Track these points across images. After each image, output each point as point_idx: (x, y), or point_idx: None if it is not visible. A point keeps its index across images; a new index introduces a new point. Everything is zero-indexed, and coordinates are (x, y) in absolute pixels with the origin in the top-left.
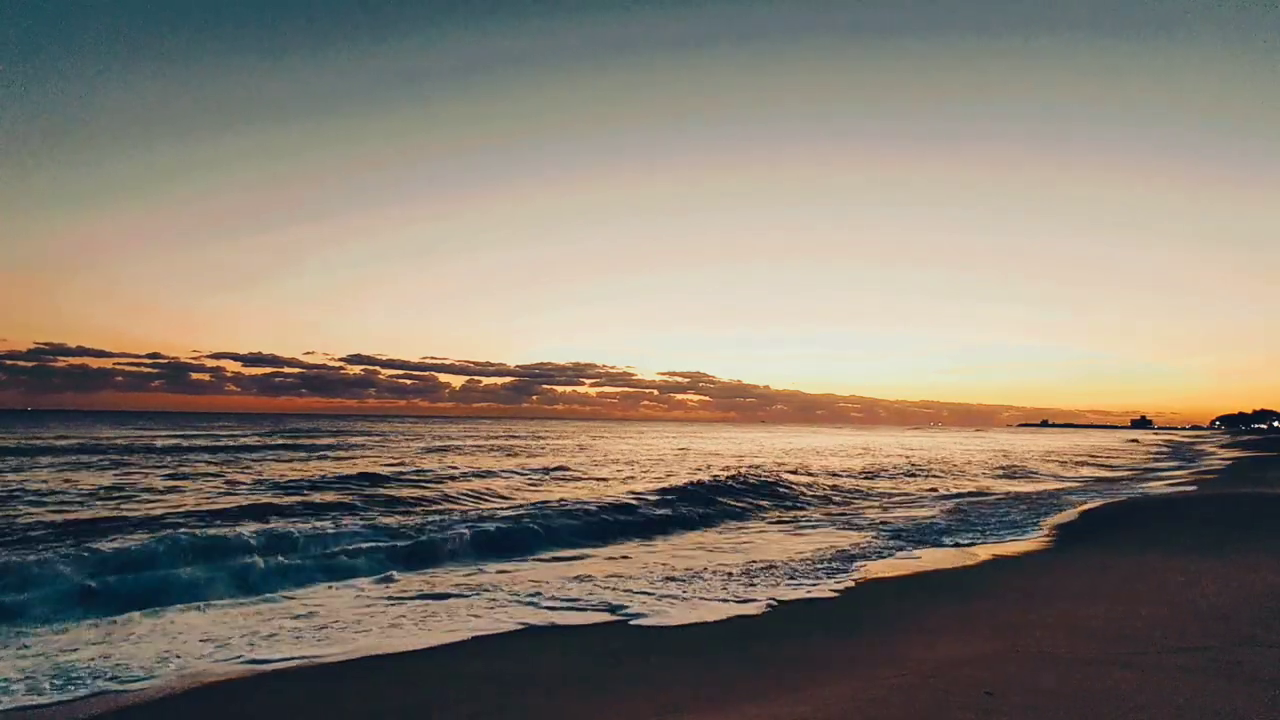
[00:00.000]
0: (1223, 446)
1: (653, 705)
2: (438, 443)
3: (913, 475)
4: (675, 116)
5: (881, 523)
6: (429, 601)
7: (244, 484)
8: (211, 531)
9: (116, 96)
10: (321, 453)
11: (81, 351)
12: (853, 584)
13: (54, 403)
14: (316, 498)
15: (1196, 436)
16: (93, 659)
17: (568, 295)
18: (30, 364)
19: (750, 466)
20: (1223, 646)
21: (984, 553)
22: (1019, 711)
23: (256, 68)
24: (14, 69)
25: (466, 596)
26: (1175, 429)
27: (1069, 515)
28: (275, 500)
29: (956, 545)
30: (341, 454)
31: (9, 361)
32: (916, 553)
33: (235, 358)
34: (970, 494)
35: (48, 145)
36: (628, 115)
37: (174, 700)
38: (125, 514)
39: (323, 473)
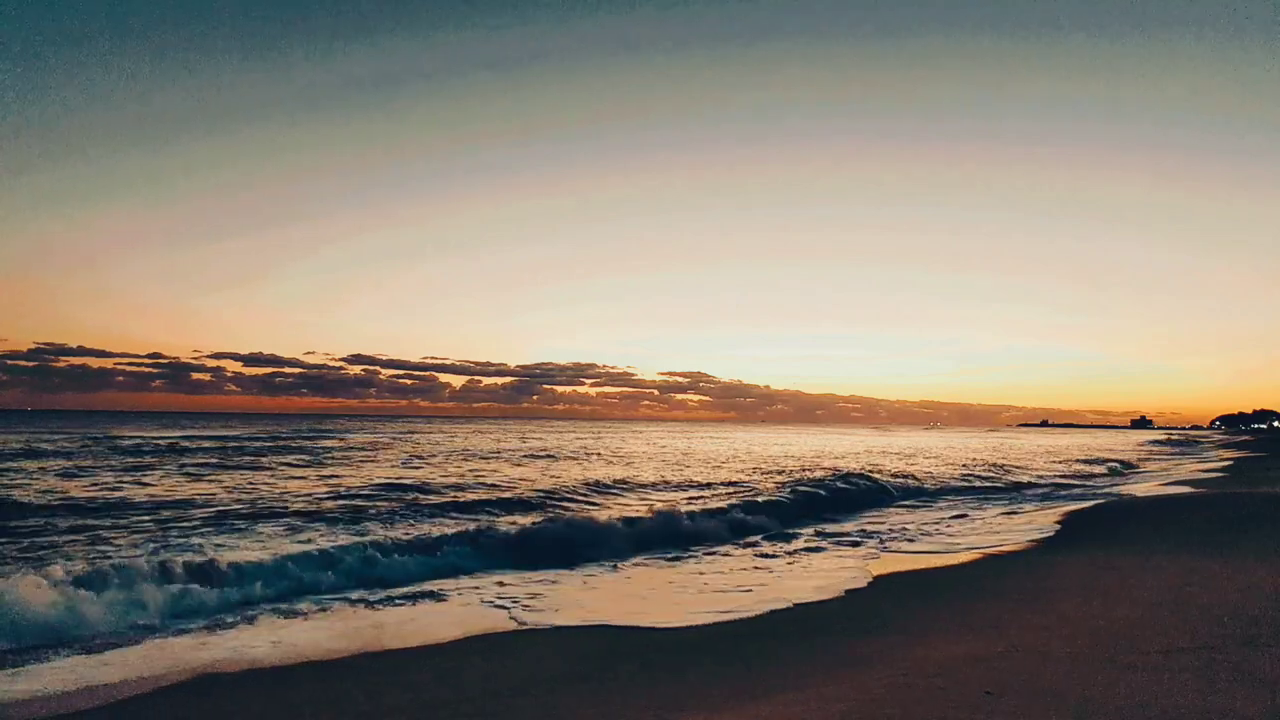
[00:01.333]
0: (1223, 446)
1: (652, 705)
2: (496, 442)
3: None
4: (676, 116)
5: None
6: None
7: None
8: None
9: (117, 96)
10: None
11: (82, 351)
12: (855, 585)
13: (55, 403)
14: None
15: (1196, 436)
16: None
17: (568, 295)
18: (31, 364)
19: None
20: (1224, 647)
21: (984, 551)
22: (1019, 711)
23: (258, 66)
24: (14, 69)
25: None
26: (1175, 429)
27: (1071, 514)
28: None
29: (955, 544)
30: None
31: (9, 361)
32: (914, 551)
33: (236, 357)
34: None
35: (47, 145)
36: (628, 114)
37: (162, 694)
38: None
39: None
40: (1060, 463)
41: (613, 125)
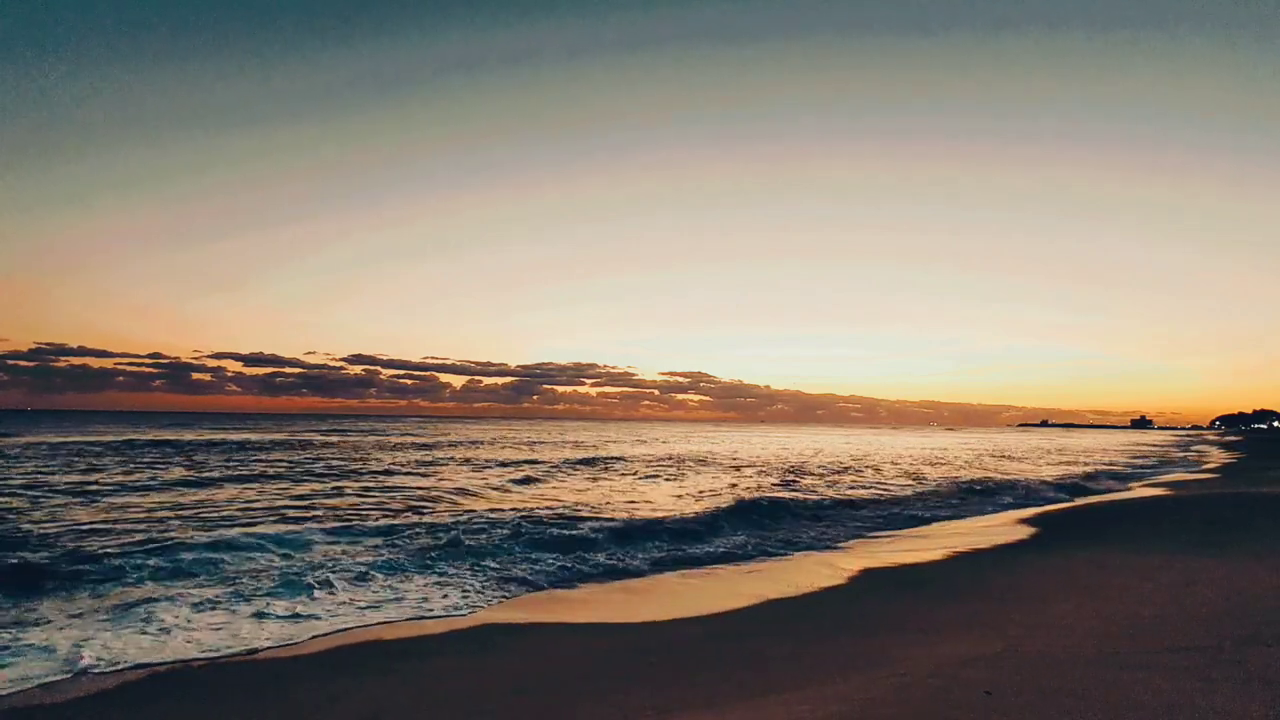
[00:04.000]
0: (1222, 446)
1: (650, 704)
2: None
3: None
4: (676, 116)
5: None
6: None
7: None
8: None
9: (118, 97)
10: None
11: (83, 351)
12: (846, 581)
13: (55, 403)
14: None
15: (1196, 436)
16: None
17: (568, 295)
18: (31, 364)
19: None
20: (1223, 646)
21: (987, 549)
22: (1019, 711)
23: (258, 68)
24: (15, 71)
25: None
26: (1175, 429)
27: (1071, 513)
28: None
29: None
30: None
31: (10, 361)
32: (914, 543)
33: (236, 358)
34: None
35: (47, 146)
36: (628, 115)
37: (140, 686)
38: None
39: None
40: (1066, 463)
41: (613, 125)
